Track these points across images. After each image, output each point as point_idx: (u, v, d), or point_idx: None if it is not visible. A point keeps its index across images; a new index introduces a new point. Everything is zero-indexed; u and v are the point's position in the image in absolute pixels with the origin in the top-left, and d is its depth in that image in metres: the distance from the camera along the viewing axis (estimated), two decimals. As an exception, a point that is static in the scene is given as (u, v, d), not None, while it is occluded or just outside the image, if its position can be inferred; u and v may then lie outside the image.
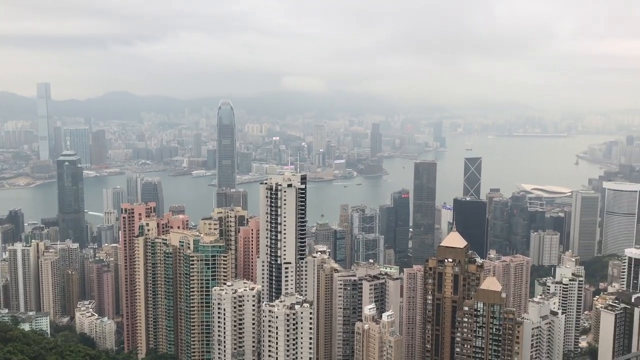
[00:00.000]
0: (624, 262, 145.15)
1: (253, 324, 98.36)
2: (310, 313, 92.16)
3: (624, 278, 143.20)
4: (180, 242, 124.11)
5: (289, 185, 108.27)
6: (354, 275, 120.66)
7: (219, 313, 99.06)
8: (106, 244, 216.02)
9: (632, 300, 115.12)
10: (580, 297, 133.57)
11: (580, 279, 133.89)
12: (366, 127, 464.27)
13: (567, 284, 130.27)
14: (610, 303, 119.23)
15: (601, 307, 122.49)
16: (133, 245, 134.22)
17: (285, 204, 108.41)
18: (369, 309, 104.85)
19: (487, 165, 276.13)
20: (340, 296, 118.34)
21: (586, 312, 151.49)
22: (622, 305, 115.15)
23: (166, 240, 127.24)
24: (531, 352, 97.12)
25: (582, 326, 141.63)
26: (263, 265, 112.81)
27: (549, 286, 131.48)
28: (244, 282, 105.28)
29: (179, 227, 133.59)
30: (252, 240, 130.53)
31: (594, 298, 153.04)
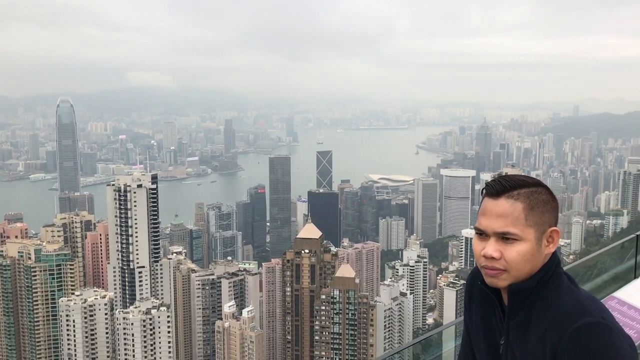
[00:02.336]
0: (462, 242, 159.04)
1: (107, 333, 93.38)
2: (168, 316, 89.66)
3: (462, 257, 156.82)
4: (19, 252, 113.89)
5: (139, 186, 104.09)
6: (212, 274, 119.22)
7: (67, 325, 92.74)
8: None
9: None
10: (426, 277, 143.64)
11: (425, 260, 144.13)
12: (219, 123, 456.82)
13: (413, 266, 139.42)
14: (451, 280, 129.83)
15: (444, 285, 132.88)
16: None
17: (135, 206, 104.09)
18: (228, 306, 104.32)
19: (337, 158, 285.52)
20: (198, 296, 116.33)
21: (431, 291, 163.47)
22: (462, 282, 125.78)
23: (2, 251, 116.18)
24: (384, 332, 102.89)
25: (428, 304, 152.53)
26: (115, 271, 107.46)
27: (397, 269, 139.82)
28: (95, 290, 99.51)
29: (17, 237, 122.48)
30: (101, 246, 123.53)
31: (438, 277, 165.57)
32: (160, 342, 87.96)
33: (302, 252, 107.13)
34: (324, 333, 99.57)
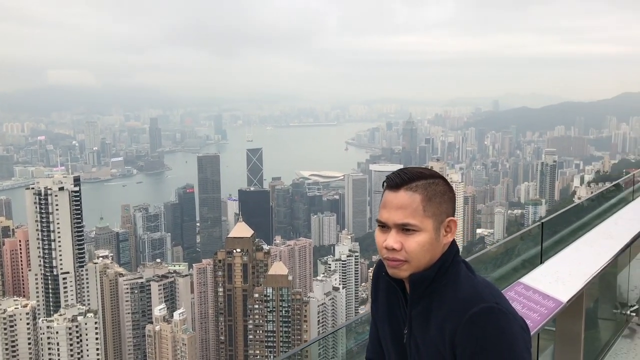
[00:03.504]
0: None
1: (29, 344, 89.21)
2: (96, 323, 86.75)
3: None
4: None
5: (61, 189, 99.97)
6: (141, 277, 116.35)
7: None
8: None
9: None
10: (358, 270, 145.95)
11: (356, 254, 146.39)
12: (144, 121, 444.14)
13: (345, 260, 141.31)
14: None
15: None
16: None
17: (57, 209, 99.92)
18: (159, 309, 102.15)
19: (268, 155, 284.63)
20: (127, 301, 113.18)
21: (363, 284, 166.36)
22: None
23: None
24: (318, 327, 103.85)
25: (360, 297, 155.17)
26: (37, 278, 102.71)
27: (329, 264, 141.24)
28: (15, 300, 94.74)
29: None
30: (20, 253, 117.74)
31: (369, 270, 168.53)
32: (87, 350, 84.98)
33: (234, 251, 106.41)
34: (257, 332, 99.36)
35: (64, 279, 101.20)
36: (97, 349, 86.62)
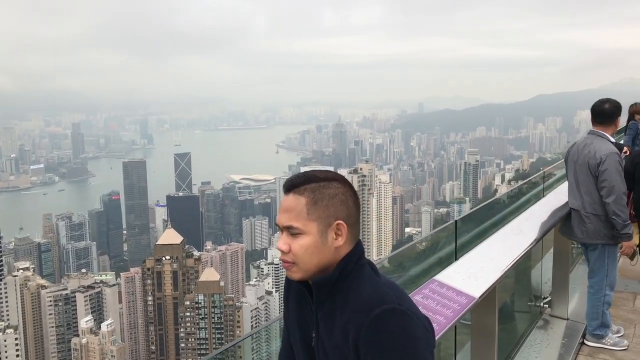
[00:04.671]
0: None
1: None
2: (16, 339, 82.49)
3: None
4: None
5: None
6: (66, 289, 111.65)
7: None
8: None
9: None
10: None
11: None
12: (65, 127, 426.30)
13: (278, 264, 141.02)
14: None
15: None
16: None
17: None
18: (85, 321, 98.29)
19: (196, 160, 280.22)
20: (51, 314, 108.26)
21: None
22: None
23: None
24: (252, 342, 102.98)
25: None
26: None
27: (262, 268, 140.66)
28: None
29: None
30: None
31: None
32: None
33: (163, 258, 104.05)
34: (189, 340, 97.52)
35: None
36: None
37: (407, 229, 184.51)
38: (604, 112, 5.32)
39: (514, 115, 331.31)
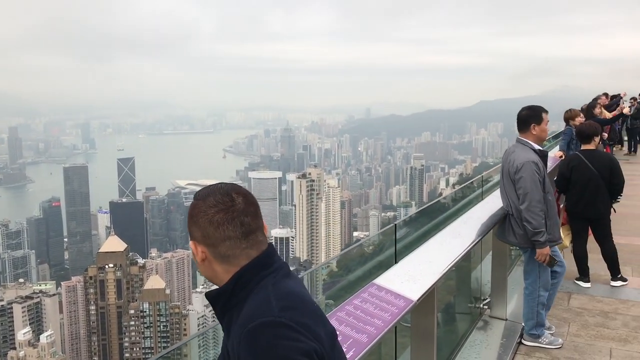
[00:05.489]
0: (271, 242, 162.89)
1: None
2: (-53, 353, 78.47)
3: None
4: None
5: None
6: (2, 300, 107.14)
7: None
8: None
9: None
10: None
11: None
12: (2, 131, 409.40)
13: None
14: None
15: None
16: None
17: None
18: (23, 333, 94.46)
19: (141, 165, 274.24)
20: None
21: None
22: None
23: None
24: (198, 340, 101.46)
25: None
26: None
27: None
28: None
29: None
30: None
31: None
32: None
33: (106, 266, 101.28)
34: (134, 349, 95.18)
35: None
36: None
37: (355, 233, 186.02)
38: (520, 119, 5.49)
39: (458, 121, 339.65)
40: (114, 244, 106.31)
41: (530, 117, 5.42)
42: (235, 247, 1.86)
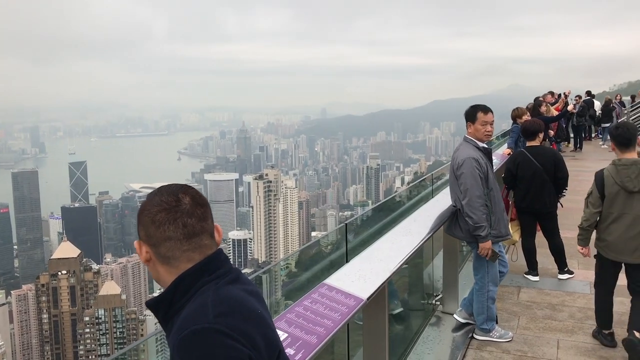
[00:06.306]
0: (229, 245, 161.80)
1: None
2: None
3: (230, 257, 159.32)
4: None
5: None
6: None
7: None
8: None
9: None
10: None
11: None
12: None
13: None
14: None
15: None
16: None
17: None
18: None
19: (93, 169, 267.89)
20: None
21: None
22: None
23: None
24: (156, 345, 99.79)
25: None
26: None
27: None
28: None
29: None
30: None
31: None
32: None
33: (59, 273, 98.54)
34: (90, 357, 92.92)
35: None
36: None
37: (313, 233, 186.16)
38: (465, 117, 5.68)
39: (412, 120, 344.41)
40: (67, 250, 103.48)
41: (467, 116, 5.61)
42: (175, 249, 1.77)
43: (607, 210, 5.43)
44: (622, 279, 5.62)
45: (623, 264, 5.50)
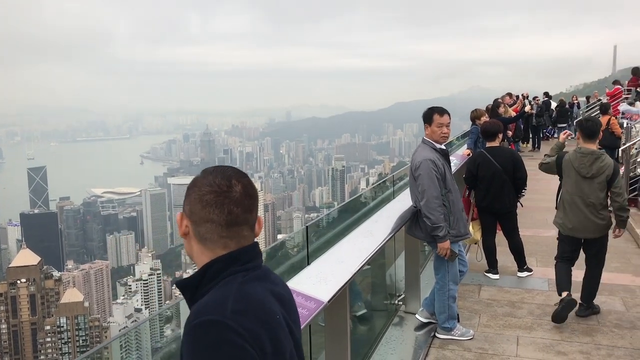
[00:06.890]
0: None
1: None
2: None
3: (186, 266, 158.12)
4: None
5: None
6: None
7: None
8: None
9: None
10: (160, 289, 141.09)
11: (158, 272, 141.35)
12: None
13: (146, 280, 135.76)
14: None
15: (179, 295, 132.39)
16: None
17: None
18: None
19: (53, 174, 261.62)
20: None
21: (167, 302, 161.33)
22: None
23: None
24: (121, 353, 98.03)
25: (165, 316, 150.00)
26: None
27: (130, 285, 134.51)
28: None
29: None
30: None
31: (173, 287, 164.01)
32: None
33: (18, 282, 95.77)
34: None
35: None
36: None
37: (279, 236, 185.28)
38: (422, 119, 5.81)
39: (376, 122, 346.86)
40: (26, 257, 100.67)
41: (424, 118, 5.76)
42: (214, 232, 1.77)
43: (564, 189, 6.15)
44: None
45: (582, 240, 6.19)
